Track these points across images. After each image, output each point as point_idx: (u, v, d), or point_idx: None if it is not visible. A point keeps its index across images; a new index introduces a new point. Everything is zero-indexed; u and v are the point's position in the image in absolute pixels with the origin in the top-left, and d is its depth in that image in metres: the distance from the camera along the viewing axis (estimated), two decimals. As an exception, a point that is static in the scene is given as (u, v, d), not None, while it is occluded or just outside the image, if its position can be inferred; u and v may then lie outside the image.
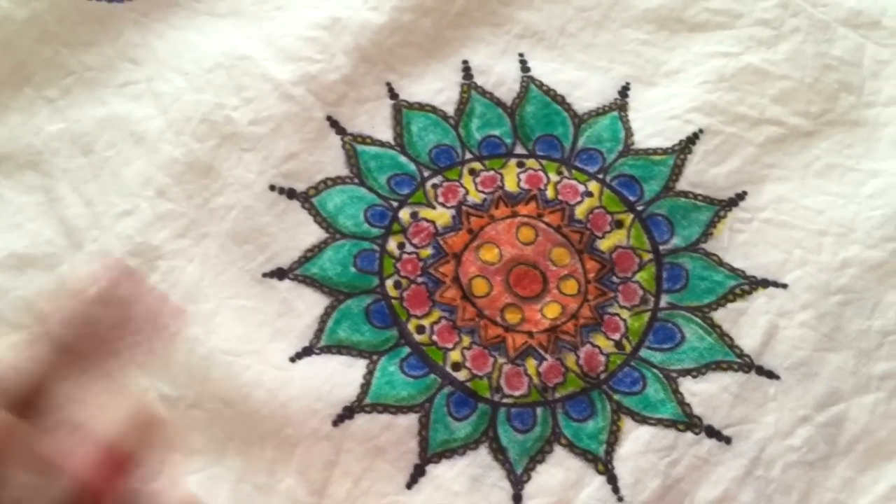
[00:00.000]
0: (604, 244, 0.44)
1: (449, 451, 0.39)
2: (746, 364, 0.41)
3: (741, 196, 0.45)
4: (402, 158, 0.46)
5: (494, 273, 0.43)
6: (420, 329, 0.42)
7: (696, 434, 0.40)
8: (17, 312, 0.41)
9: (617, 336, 0.42)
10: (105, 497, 0.31)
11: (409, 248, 0.44)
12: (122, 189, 0.44)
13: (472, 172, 0.46)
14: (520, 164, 0.46)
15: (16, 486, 0.31)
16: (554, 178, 0.45)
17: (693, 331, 0.42)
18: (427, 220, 0.44)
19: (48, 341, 0.36)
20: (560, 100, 0.47)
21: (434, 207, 0.45)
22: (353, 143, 0.46)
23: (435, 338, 0.41)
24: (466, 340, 0.41)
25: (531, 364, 0.41)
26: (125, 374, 0.40)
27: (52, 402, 0.34)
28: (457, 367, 0.41)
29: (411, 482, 0.38)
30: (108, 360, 0.40)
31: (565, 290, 0.43)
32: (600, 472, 0.39)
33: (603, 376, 0.41)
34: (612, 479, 0.39)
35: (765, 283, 0.43)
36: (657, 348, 0.42)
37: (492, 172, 0.46)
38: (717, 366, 0.41)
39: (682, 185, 0.45)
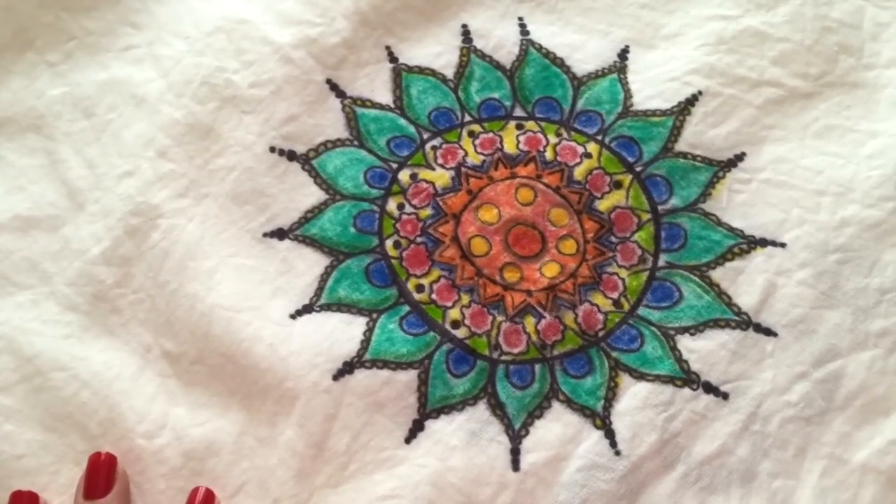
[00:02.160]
0: (602, 205, 0.44)
1: (448, 407, 0.39)
2: (744, 321, 0.41)
3: (740, 157, 0.45)
4: (402, 121, 0.46)
5: (493, 233, 0.43)
6: (419, 288, 0.42)
7: (694, 390, 0.40)
8: (21, 273, 0.42)
9: (615, 295, 0.42)
10: None
11: (408, 208, 0.44)
12: (124, 150, 0.44)
13: (472, 135, 0.46)
14: (519, 127, 0.46)
15: None
16: (553, 139, 0.46)
17: (691, 289, 0.42)
18: (426, 182, 0.44)
19: None
20: (559, 62, 0.47)
21: (433, 169, 0.45)
22: (352, 106, 0.46)
23: (434, 296, 0.42)
24: (465, 299, 0.42)
25: (530, 322, 0.41)
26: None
27: None
28: (456, 324, 0.41)
29: (410, 437, 0.39)
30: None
31: (564, 250, 0.43)
32: (598, 427, 0.39)
33: (601, 334, 0.41)
34: (610, 434, 0.39)
35: (763, 243, 0.43)
36: (655, 306, 0.42)
37: (491, 134, 0.46)
38: (715, 323, 0.41)
39: (680, 146, 0.45)
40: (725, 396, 0.40)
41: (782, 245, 0.43)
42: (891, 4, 0.50)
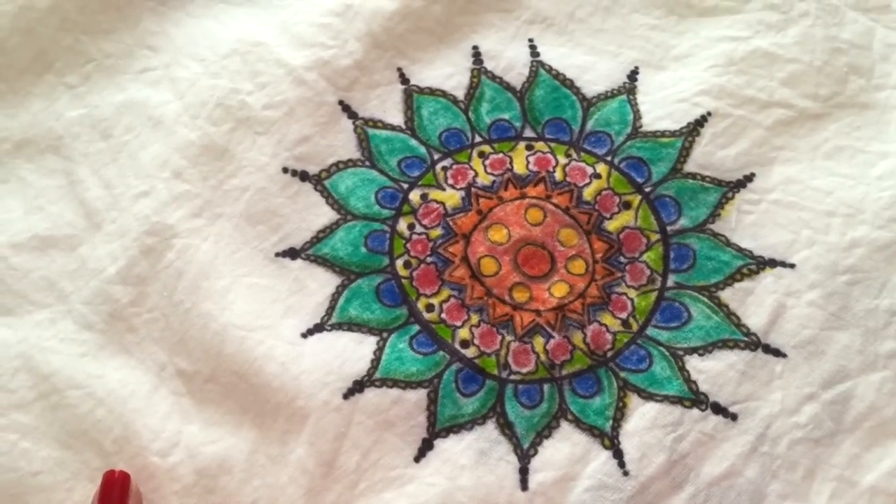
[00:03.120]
0: (611, 225, 0.44)
1: (457, 426, 0.40)
2: (753, 342, 0.41)
3: (749, 178, 0.45)
4: (413, 142, 0.46)
5: (503, 253, 0.44)
6: (429, 307, 0.42)
7: (703, 411, 0.40)
8: (39, 292, 0.43)
9: (624, 315, 0.42)
10: None
11: (419, 228, 0.44)
12: (140, 171, 0.45)
13: (482, 155, 0.46)
14: (529, 147, 0.46)
15: None
16: (562, 160, 0.46)
17: (700, 310, 0.42)
18: (437, 202, 0.45)
19: None
20: (569, 84, 0.48)
21: (444, 189, 0.45)
22: (364, 127, 0.47)
23: (444, 316, 0.42)
24: (475, 318, 0.42)
25: (539, 342, 0.42)
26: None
27: None
28: (465, 344, 0.41)
29: (419, 455, 0.39)
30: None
31: (573, 270, 0.43)
32: (606, 447, 0.39)
33: (610, 354, 0.41)
34: (618, 454, 0.39)
35: (772, 263, 0.43)
36: (664, 327, 0.42)
37: (501, 155, 0.46)
38: (724, 344, 0.42)
39: (689, 167, 0.46)
40: (734, 417, 0.40)
41: (791, 266, 0.43)
42: (901, 25, 0.50)
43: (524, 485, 0.39)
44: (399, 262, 0.43)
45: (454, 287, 0.43)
